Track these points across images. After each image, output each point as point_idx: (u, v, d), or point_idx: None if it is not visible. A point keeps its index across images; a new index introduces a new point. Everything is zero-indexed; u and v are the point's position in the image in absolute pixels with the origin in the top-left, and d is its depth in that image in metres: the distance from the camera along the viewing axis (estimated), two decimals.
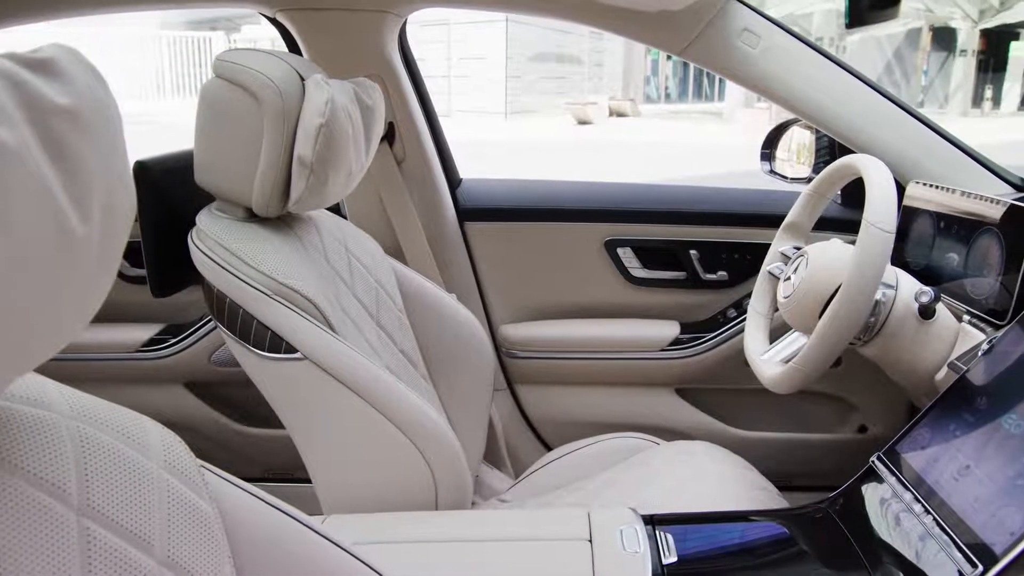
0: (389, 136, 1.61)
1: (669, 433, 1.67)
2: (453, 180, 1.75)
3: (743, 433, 1.74)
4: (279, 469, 1.80)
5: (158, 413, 1.73)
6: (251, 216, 1.08)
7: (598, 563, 0.88)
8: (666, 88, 27.32)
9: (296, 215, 1.16)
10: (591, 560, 0.88)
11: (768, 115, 13.56)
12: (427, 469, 1.05)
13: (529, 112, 19.26)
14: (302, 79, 1.04)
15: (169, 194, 1.14)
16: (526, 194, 1.77)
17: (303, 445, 1.09)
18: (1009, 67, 19.87)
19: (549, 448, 1.76)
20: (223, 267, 1.01)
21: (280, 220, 1.12)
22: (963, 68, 19.82)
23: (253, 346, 1.02)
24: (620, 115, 19.50)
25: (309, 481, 1.11)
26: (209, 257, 1.02)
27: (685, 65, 25.61)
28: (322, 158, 1.02)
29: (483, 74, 18.68)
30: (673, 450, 1.34)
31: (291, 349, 1.01)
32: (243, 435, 1.77)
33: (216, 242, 1.03)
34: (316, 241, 1.17)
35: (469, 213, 1.73)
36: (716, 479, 1.22)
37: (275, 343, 1.01)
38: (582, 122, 17.76)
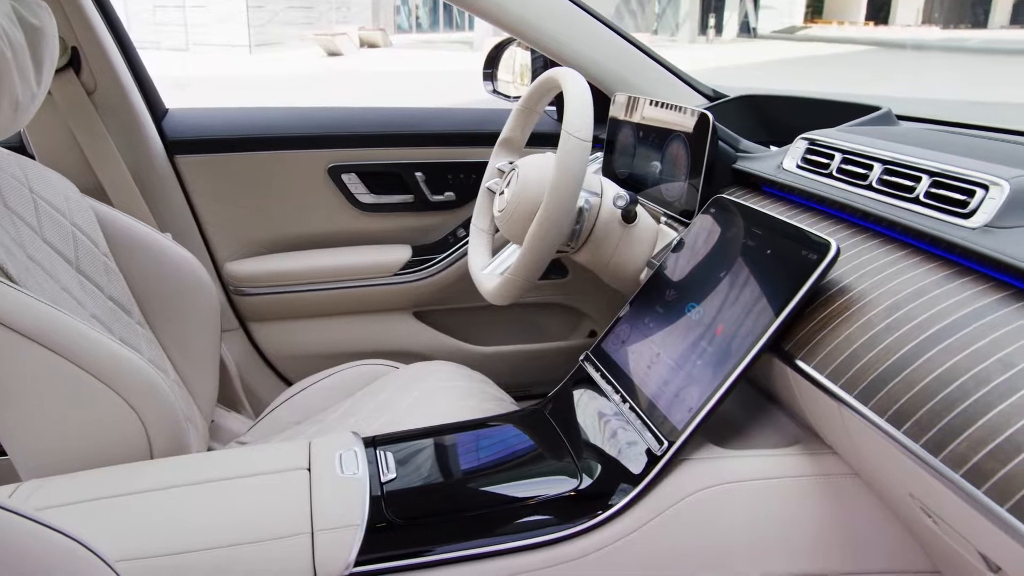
0: (75, 64, 1.44)
1: (409, 356, 1.69)
2: (157, 111, 1.61)
3: (482, 349, 1.79)
4: None
5: None
6: None
7: (315, 489, 0.87)
8: (417, 17, 27.02)
9: None
10: (308, 487, 0.87)
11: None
12: (135, 418, 0.98)
13: (276, 44, 18.32)
14: None
15: None
16: (241, 123, 1.67)
17: None
18: None
19: (289, 384, 1.72)
20: None
21: None
22: None
23: None
24: (371, 46, 19.08)
25: None
26: None
27: None
28: None
29: (222, 4, 17.45)
30: (412, 372, 1.35)
31: None
32: None
33: None
34: None
35: (179, 145, 1.60)
36: (452, 395, 1.24)
37: None
38: (332, 54, 17.18)
